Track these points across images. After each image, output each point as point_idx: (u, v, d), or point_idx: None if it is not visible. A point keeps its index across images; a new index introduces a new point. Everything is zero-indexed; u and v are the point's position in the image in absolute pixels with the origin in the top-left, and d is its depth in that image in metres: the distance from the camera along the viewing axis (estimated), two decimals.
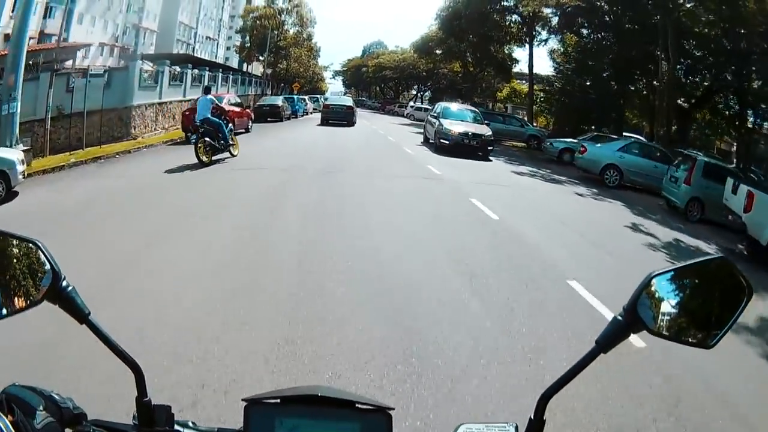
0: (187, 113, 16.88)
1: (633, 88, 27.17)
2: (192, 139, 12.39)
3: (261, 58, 51.43)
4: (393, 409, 0.81)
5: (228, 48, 69.60)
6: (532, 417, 0.81)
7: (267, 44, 43.70)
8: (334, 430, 0.80)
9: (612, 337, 0.79)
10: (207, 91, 13.40)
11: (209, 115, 12.44)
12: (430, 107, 47.32)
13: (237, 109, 18.95)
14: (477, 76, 41.52)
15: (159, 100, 19.57)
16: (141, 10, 52.90)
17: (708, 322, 0.81)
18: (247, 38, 52.45)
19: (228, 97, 18.09)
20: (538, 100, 30.84)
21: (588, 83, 27.17)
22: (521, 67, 38.78)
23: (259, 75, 48.65)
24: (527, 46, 33.14)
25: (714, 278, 0.82)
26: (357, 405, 0.81)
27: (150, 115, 18.94)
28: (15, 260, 0.79)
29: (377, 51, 73.93)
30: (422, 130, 29.91)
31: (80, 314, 0.79)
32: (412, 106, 49.57)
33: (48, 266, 0.78)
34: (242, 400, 0.82)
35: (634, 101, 27.89)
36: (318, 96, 51.14)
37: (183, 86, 22.36)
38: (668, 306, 0.79)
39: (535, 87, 32.56)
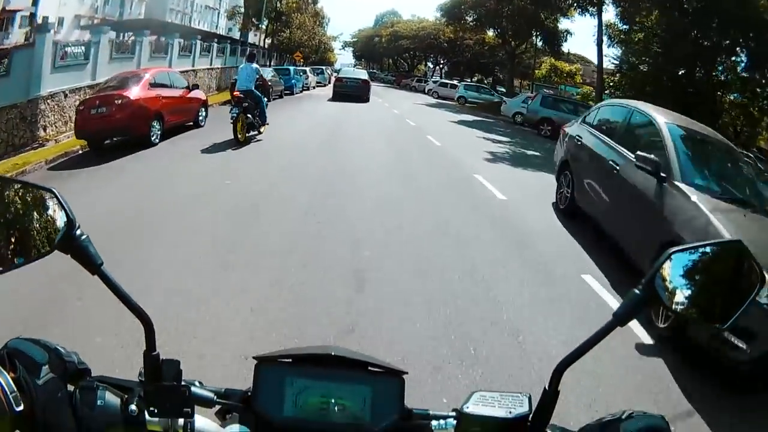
0: (81, 108, 10.39)
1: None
2: (232, 112, 10.83)
3: (263, 26, 45.15)
4: (406, 373, 0.80)
5: (230, 18, 63.06)
6: (546, 387, 0.79)
7: (263, 8, 37.24)
8: (346, 392, 0.78)
9: (629, 310, 0.78)
10: (251, 58, 11.83)
11: (253, 88, 11.22)
12: (457, 83, 39.92)
13: (174, 93, 11.83)
14: (515, 49, 34.54)
15: (91, 82, 13.53)
16: None
17: (720, 302, 0.81)
18: (242, 3, 45.98)
19: (152, 73, 11.43)
20: (607, 85, 23.62)
21: (682, 72, 19.95)
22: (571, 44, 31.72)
23: (261, 45, 42.76)
24: (587, 15, 26.38)
25: (728, 260, 0.83)
26: (369, 367, 0.80)
27: (75, 105, 13.05)
28: (31, 208, 0.76)
29: (392, 20, 66.60)
30: (465, 116, 23.78)
31: (93, 264, 0.75)
32: (435, 81, 42.75)
33: (63, 215, 0.75)
34: (253, 357, 0.80)
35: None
36: (323, 67, 44.58)
37: (135, 59, 16.29)
38: (683, 283, 0.79)
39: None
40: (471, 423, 0.80)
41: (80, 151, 10.52)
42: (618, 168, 6.03)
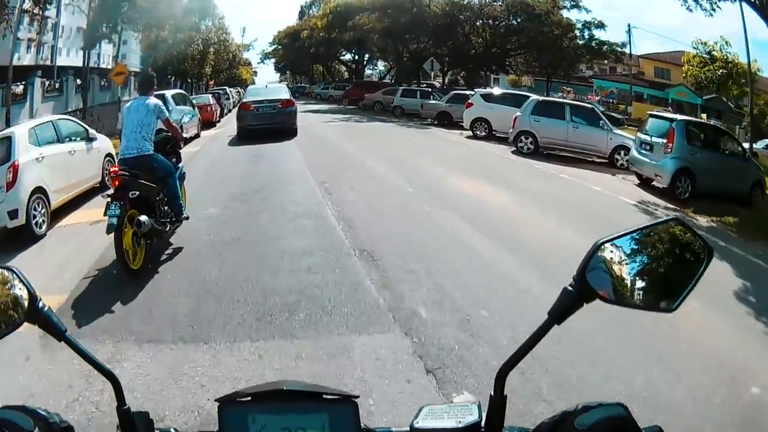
0: None
1: None
2: (111, 212, 4.62)
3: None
4: (358, 396, 0.83)
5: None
6: (492, 395, 0.80)
7: None
8: (304, 421, 0.81)
9: (564, 308, 0.76)
10: (146, 86, 5.53)
11: (152, 149, 5.23)
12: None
13: None
14: None
15: None
16: None
17: (666, 285, 0.77)
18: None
19: None
20: None
21: None
22: None
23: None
24: None
25: (668, 240, 0.79)
26: (324, 396, 0.83)
27: None
28: None
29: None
30: None
31: (57, 332, 0.82)
32: (510, 92, 18.14)
33: (25, 290, 0.80)
34: (215, 400, 0.83)
35: None
36: (217, 92, 26.29)
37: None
38: (621, 272, 0.76)
39: None
40: None
41: None
42: None
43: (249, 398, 0.82)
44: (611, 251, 0.76)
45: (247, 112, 14.78)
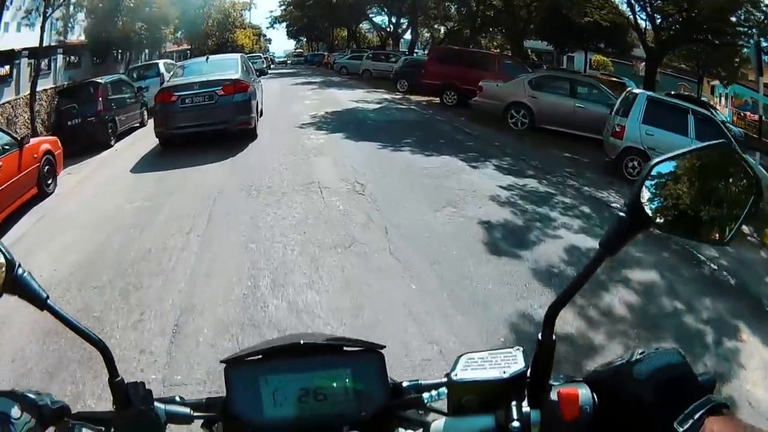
0: None
1: None
2: None
3: None
4: (384, 347, 0.76)
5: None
6: (540, 338, 0.72)
7: None
8: (324, 379, 0.75)
9: (616, 237, 0.69)
10: None
11: None
12: None
13: None
14: None
15: None
16: None
17: (716, 216, 0.71)
18: None
19: None
20: None
21: None
22: None
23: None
24: None
25: (717, 165, 0.73)
26: (345, 348, 0.78)
27: None
28: None
29: None
30: None
31: (39, 300, 0.75)
32: None
33: (1, 257, 0.73)
34: (221, 361, 0.77)
35: None
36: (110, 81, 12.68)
37: None
38: (673, 200, 0.70)
39: None
40: (463, 390, 0.73)
41: None
42: None
43: (259, 356, 0.76)
44: (664, 174, 0.70)
45: (168, 107, 9.31)
